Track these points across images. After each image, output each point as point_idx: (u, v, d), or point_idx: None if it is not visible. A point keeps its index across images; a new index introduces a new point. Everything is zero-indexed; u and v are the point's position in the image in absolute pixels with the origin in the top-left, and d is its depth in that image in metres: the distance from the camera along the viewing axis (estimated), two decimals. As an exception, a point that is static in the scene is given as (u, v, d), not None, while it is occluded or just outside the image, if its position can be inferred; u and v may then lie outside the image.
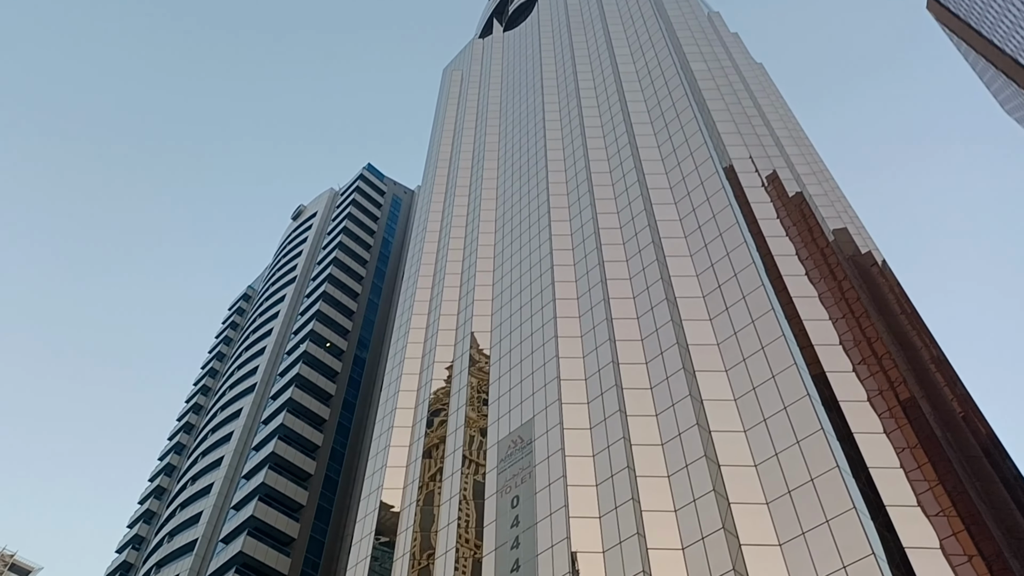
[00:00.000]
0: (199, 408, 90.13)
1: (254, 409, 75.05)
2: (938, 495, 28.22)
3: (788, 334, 36.07)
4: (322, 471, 67.13)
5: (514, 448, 48.05)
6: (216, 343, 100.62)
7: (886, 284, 38.78)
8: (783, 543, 29.89)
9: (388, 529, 53.02)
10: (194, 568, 61.78)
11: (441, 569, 45.65)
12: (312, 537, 62.79)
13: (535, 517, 42.02)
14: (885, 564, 26.79)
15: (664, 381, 40.75)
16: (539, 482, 43.80)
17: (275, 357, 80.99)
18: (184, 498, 70.27)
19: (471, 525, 46.15)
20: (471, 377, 57.20)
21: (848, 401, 32.27)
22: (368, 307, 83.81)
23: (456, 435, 54.03)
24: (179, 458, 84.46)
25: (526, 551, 40.91)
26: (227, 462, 70.01)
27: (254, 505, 60.53)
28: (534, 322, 54.71)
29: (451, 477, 51.11)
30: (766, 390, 34.88)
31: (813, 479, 30.30)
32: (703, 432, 36.30)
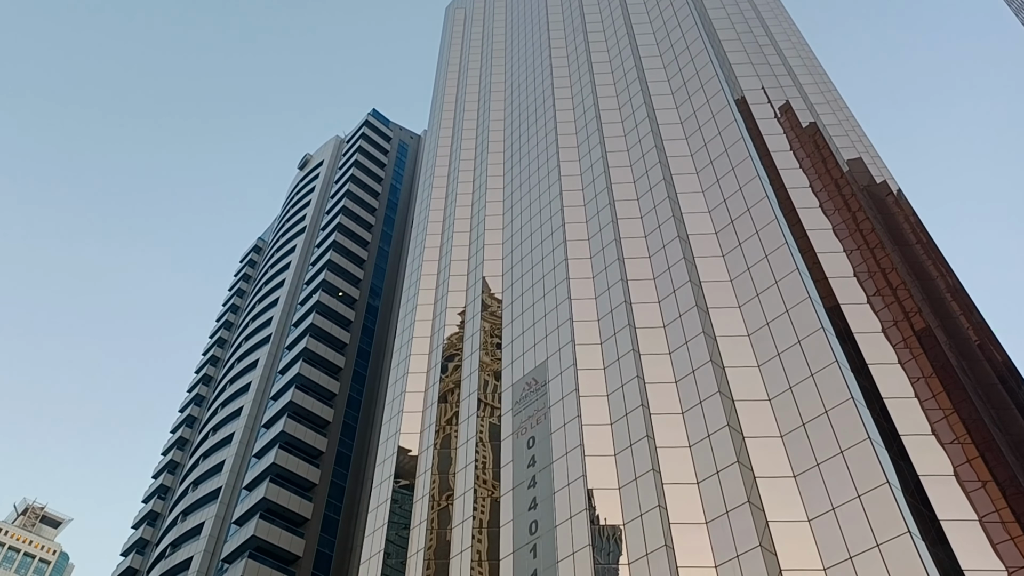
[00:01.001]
0: (216, 360, 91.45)
1: (270, 360, 76.09)
2: (953, 423, 28.38)
3: (802, 267, 35.88)
4: (340, 418, 68.30)
5: (528, 390, 48.60)
6: (229, 296, 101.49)
7: (901, 214, 38.36)
8: (798, 475, 30.29)
9: (407, 472, 54.16)
10: (219, 515, 63.55)
11: (460, 509, 46.72)
12: (333, 482, 64.26)
13: (551, 457, 42.72)
14: (899, 492, 27.13)
15: (677, 319, 40.81)
16: (554, 423, 44.41)
17: (288, 308, 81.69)
18: (206, 448, 71.89)
19: (488, 466, 47.02)
20: (484, 322, 57.56)
21: (863, 332, 32.25)
22: (379, 255, 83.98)
23: (471, 379, 54.66)
24: (199, 409, 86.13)
25: (543, 490, 41.72)
26: (246, 412, 71.34)
27: (275, 453, 61.85)
28: (545, 264, 54.68)
29: (467, 420, 51.90)
30: (780, 324, 34.89)
31: (827, 411, 30.51)
32: (717, 368, 36.49)
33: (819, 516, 28.68)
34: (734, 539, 31.02)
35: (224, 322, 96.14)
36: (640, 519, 35.23)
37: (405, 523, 51.06)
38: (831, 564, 27.41)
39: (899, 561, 25.58)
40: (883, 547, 26.23)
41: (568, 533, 38.32)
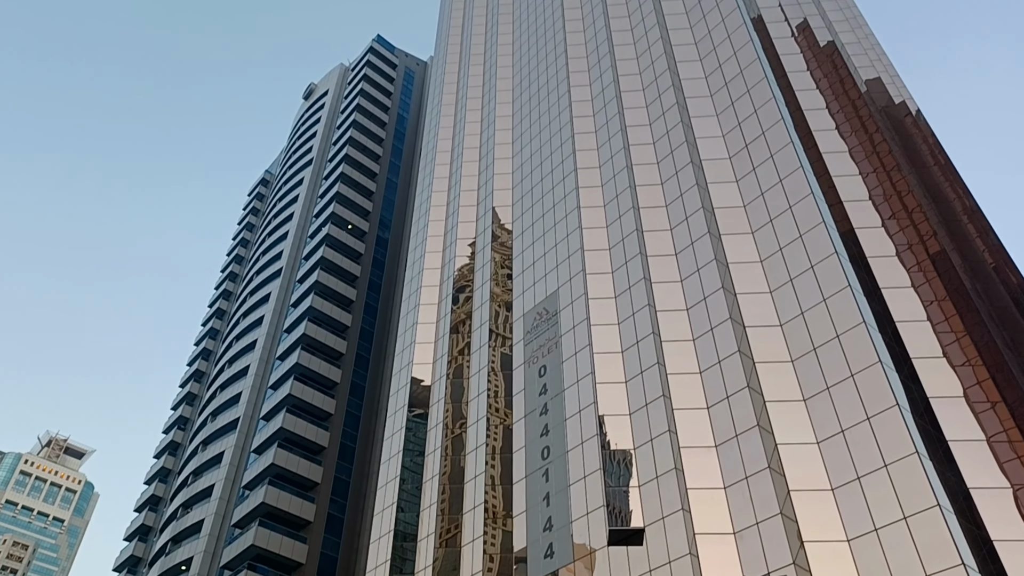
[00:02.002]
0: (228, 295, 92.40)
1: (282, 293, 76.82)
2: (964, 346, 28.54)
3: (817, 191, 35.55)
4: (353, 350, 69.30)
5: (540, 320, 49.02)
6: (239, 230, 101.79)
7: (919, 135, 37.67)
8: (807, 399, 30.70)
9: (420, 402, 55.25)
10: (238, 444, 65.33)
11: (473, 436, 47.80)
12: (348, 412, 65.68)
13: (562, 385, 43.40)
14: (908, 414, 27.51)
15: (689, 246, 40.73)
16: (565, 351, 44.93)
17: (298, 241, 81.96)
18: (223, 380, 73.38)
19: (500, 395, 47.86)
20: (494, 253, 57.66)
21: (876, 257, 32.15)
22: (387, 186, 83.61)
23: (482, 310, 55.11)
24: (214, 343, 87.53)
25: (554, 417, 42.53)
26: (260, 345, 72.47)
27: (290, 384, 63.08)
28: (556, 193, 54.35)
29: (479, 351, 52.58)
30: (793, 250, 34.79)
31: (839, 335, 30.69)
32: (728, 295, 36.60)
33: (828, 438, 29.20)
34: (743, 462, 31.69)
35: (235, 256, 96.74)
36: (650, 443, 35.98)
37: (420, 450, 52.38)
38: (839, 484, 28.03)
39: (906, 481, 26.13)
40: (891, 467, 26.76)
41: (579, 458, 39.24)
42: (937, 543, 24.46)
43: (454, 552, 43.37)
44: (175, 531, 63.27)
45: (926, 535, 24.83)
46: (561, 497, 39.03)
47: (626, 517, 34.58)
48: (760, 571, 28.71)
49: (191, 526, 62.23)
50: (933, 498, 25.12)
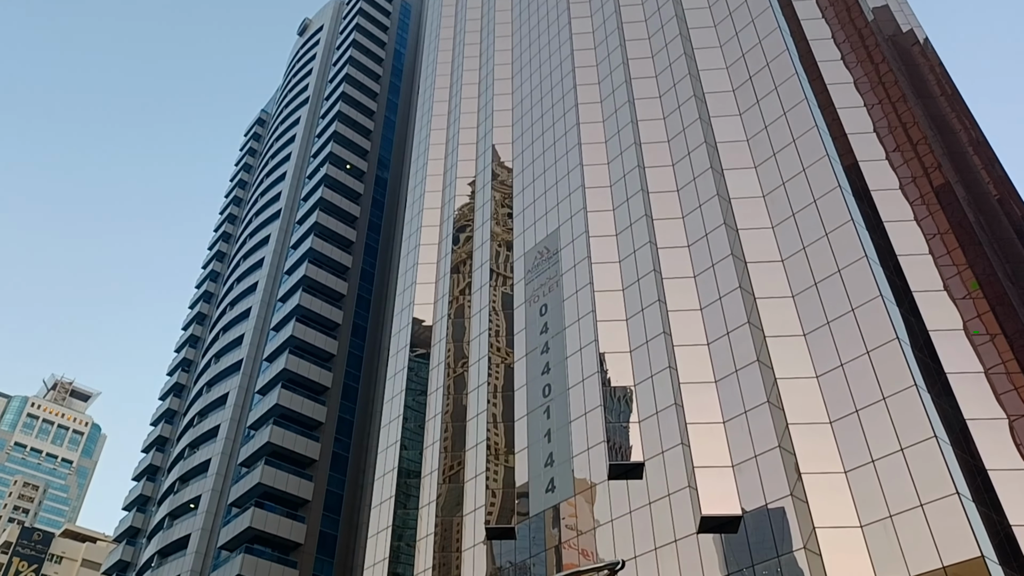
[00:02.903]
0: (228, 237, 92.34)
1: (281, 234, 76.76)
2: (966, 279, 28.61)
3: (821, 124, 35.13)
4: (354, 290, 69.61)
5: (540, 259, 49.08)
6: (236, 171, 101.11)
7: (927, 64, 36.98)
8: (807, 333, 30.93)
9: (422, 342, 55.75)
10: (242, 385, 66.23)
11: (475, 375, 48.39)
12: (350, 353, 66.34)
13: (563, 323, 43.71)
14: (908, 347, 27.76)
15: (691, 182, 40.49)
16: (566, 290, 45.12)
17: (297, 182, 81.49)
18: (225, 322, 73.94)
19: (501, 334, 48.26)
20: (494, 191, 57.36)
21: (880, 190, 31.96)
22: (385, 125, 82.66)
23: (482, 249, 55.13)
24: (215, 285, 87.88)
25: (556, 355, 42.97)
26: (261, 287, 72.77)
27: (292, 325, 63.58)
28: (556, 130, 53.76)
29: (480, 290, 52.80)
30: (796, 184, 34.58)
31: (840, 270, 30.75)
32: (730, 231, 36.53)
33: (827, 372, 29.52)
34: (742, 396, 32.13)
35: (233, 198, 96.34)
36: (651, 380, 36.44)
37: (422, 389, 53.11)
38: (837, 417, 28.47)
39: (904, 413, 26.52)
40: (889, 400, 27.12)
41: (580, 395, 39.80)
42: (933, 473, 24.97)
43: (457, 488, 44.37)
44: (183, 470, 64.64)
45: (922, 466, 25.33)
46: (562, 433, 39.73)
47: (626, 452, 35.25)
48: (758, 502, 29.40)
49: (198, 465, 63.55)
50: (930, 430, 25.54)
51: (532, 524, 38.55)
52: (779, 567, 27.68)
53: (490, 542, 40.25)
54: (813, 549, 26.38)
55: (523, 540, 38.65)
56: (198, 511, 60.28)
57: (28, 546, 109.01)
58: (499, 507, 40.83)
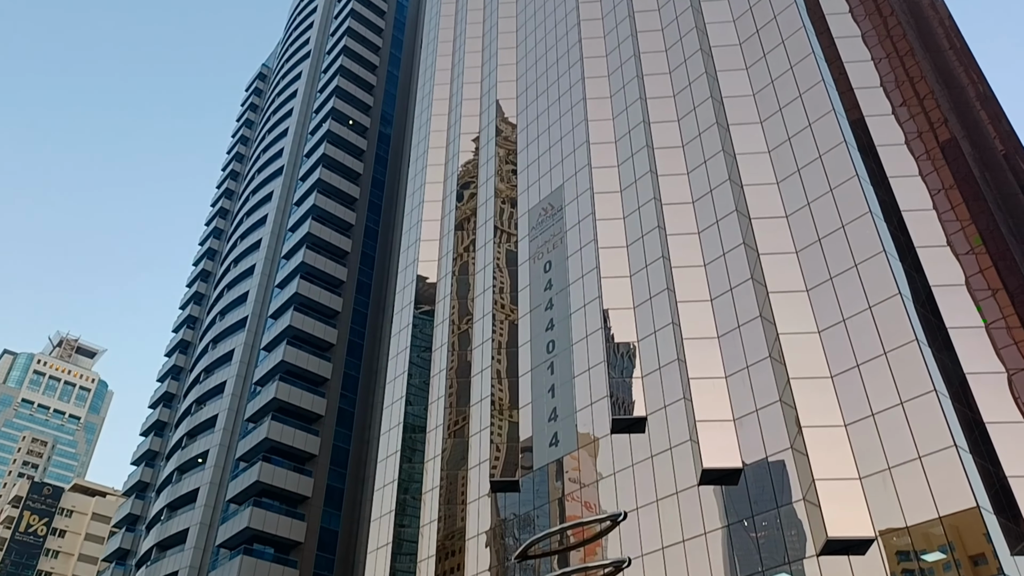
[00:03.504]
0: (231, 194, 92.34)
1: (284, 191, 76.78)
2: (970, 235, 28.77)
3: (828, 79, 34.95)
4: (358, 248, 69.89)
5: (545, 215, 49.23)
6: (238, 127, 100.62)
7: (935, 17, 36.59)
8: (810, 289, 31.22)
9: (426, 299, 56.21)
10: (247, 342, 66.94)
11: (479, 332, 48.92)
12: (355, 310, 66.90)
13: (567, 280, 44.05)
14: (910, 302, 28.06)
15: (696, 138, 40.42)
16: (570, 246, 45.35)
17: (299, 138, 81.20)
18: (229, 279, 74.42)
19: (505, 291, 48.64)
20: (498, 148, 57.22)
21: (885, 145, 31.94)
22: (388, 80, 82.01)
23: (486, 206, 55.23)
24: (219, 243, 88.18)
25: (560, 311, 43.40)
26: (265, 244, 73.07)
27: (297, 283, 64.02)
28: (561, 85, 53.42)
29: (484, 247, 53.05)
30: (801, 139, 34.54)
31: (844, 225, 30.91)
32: (735, 187, 36.60)
33: (829, 327, 29.89)
34: (744, 351, 32.58)
35: (235, 154, 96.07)
36: (654, 336, 36.89)
37: (427, 346, 53.73)
38: (838, 372, 28.90)
39: (905, 368, 26.93)
40: (890, 355, 27.52)
41: (584, 351, 40.33)
42: (931, 426, 25.47)
43: (462, 442, 45.21)
44: (190, 426, 65.74)
45: (921, 419, 25.82)
46: (565, 389, 40.36)
47: (629, 407, 35.87)
48: (759, 455, 30.03)
49: (205, 421, 64.61)
50: (930, 384, 25.97)
51: (536, 477, 39.40)
52: (778, 518, 28.40)
53: (494, 495, 41.17)
54: (812, 501, 27.04)
55: (527, 493, 39.54)
56: (206, 466, 61.47)
57: (38, 500, 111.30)
58: (503, 461, 41.66)
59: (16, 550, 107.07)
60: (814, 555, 26.66)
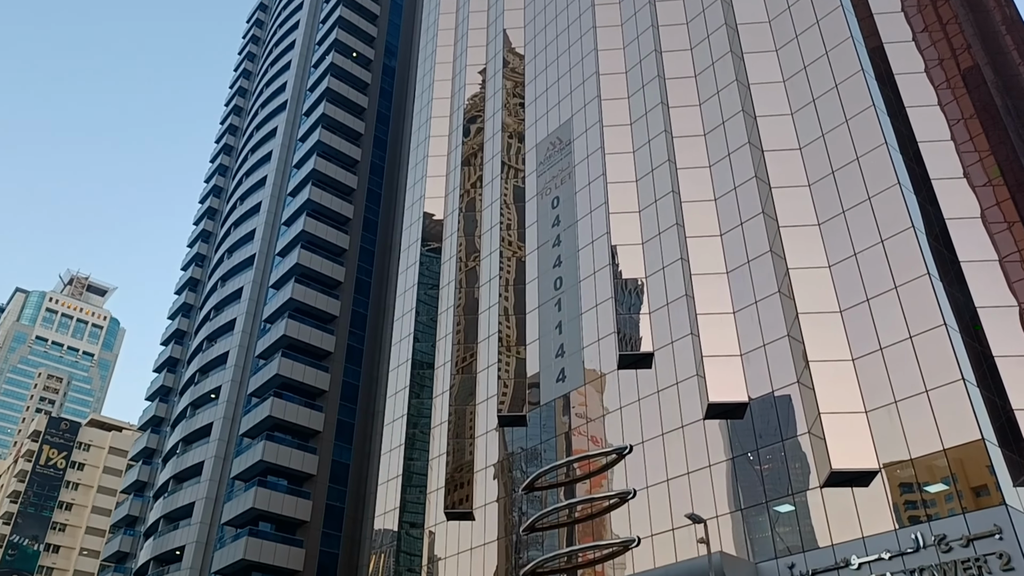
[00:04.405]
0: (235, 130, 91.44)
1: (288, 127, 75.92)
2: (987, 166, 28.18)
3: (846, 4, 33.82)
4: (364, 184, 69.41)
5: (553, 150, 48.56)
6: (240, 60, 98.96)
7: (963, -65, 35.15)
8: (822, 223, 30.84)
9: (433, 236, 56.03)
10: (256, 280, 67.23)
11: (486, 269, 48.86)
12: (362, 247, 66.83)
13: (575, 216, 43.70)
14: (923, 235, 27.70)
15: (710, 67, 39.45)
16: (579, 182, 44.86)
17: (302, 72, 79.86)
18: (236, 217, 74.28)
19: (513, 227, 48.37)
20: (505, 80, 56.14)
21: (904, 73, 31.05)
22: (392, 9, 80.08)
23: (493, 141, 54.50)
24: (224, 180, 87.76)
25: (567, 247, 43.20)
26: (271, 181, 72.65)
27: (303, 219, 63.86)
28: (570, 12, 52.03)
29: (491, 183, 52.56)
30: (817, 68, 33.64)
31: (859, 157, 30.33)
32: (748, 118, 35.86)
33: (840, 262, 29.62)
34: (753, 287, 32.43)
35: (238, 89, 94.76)
36: (662, 272, 36.74)
37: (434, 283, 53.81)
38: (847, 307, 28.76)
39: (915, 301, 26.74)
40: (900, 289, 27.31)
41: (591, 287, 40.28)
42: (940, 360, 25.41)
43: (470, 378, 45.64)
44: (202, 362, 66.58)
45: (930, 353, 25.76)
46: (573, 325, 40.45)
47: (636, 343, 35.97)
48: (765, 389, 30.17)
49: (217, 358, 65.39)
50: (940, 318, 25.82)
51: (543, 412, 39.86)
52: (783, 451, 28.69)
53: (502, 429, 41.75)
54: (817, 434, 27.24)
55: (534, 427, 40.07)
56: (219, 401, 62.49)
57: (56, 435, 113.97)
58: (511, 396, 42.10)
59: (38, 482, 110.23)
60: (818, 487, 27.01)
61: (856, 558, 25.16)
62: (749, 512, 28.81)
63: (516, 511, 38.66)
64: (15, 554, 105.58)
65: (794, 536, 27.17)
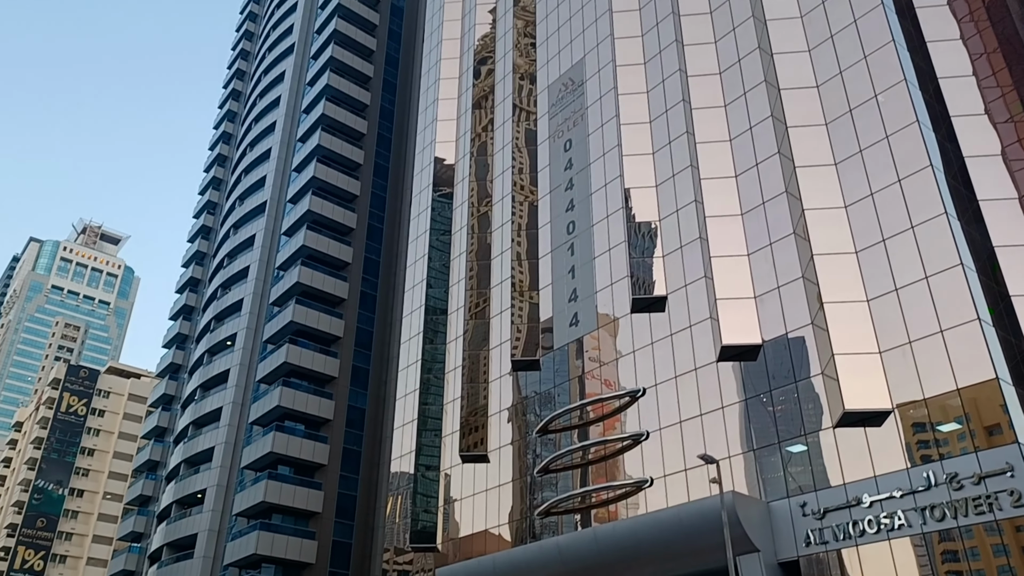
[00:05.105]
0: (242, 74, 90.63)
1: (297, 71, 75.19)
2: (1010, 102, 27.67)
3: (868, -66, 32.80)
4: (374, 129, 68.98)
5: (565, 91, 47.96)
6: (245, 3, 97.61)
7: None
8: (839, 162, 30.53)
9: (445, 181, 55.87)
10: (267, 227, 67.49)
11: (499, 214, 48.82)
12: (373, 193, 66.76)
13: (588, 159, 43.40)
14: (941, 174, 27.41)
15: (725, 3, 38.64)
16: (591, 123, 44.41)
17: (309, 12, 78.73)
18: (246, 164, 74.22)
19: (525, 171, 48.13)
20: (516, 19, 55.16)
21: (925, 7, 30.29)
22: (399, -52, 78.41)
23: (504, 83, 53.85)
24: (233, 126, 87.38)
25: (580, 191, 43.02)
26: (280, 126, 72.30)
27: (314, 166, 63.75)
28: (582, -52, 50.72)
29: (502, 126, 52.11)
30: (836, 3, 32.83)
31: (877, 95, 29.83)
32: (764, 55, 35.21)
33: (856, 202, 29.41)
34: (768, 228, 32.31)
35: (244, 32, 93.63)
36: (676, 214, 36.61)
37: (446, 229, 53.88)
38: (863, 247, 28.66)
39: (932, 241, 26.61)
40: (917, 229, 27.16)
41: (605, 231, 40.24)
42: (955, 300, 25.40)
43: (483, 323, 46.04)
44: (217, 310, 67.37)
45: (946, 293, 25.73)
46: (586, 270, 40.56)
47: (649, 286, 36.08)
48: (779, 331, 30.32)
49: (231, 305, 66.12)
50: (957, 257, 25.72)
51: (556, 356, 40.27)
52: (796, 392, 28.98)
53: (516, 373, 42.27)
54: (831, 375, 27.46)
55: (547, 371, 40.55)
56: (235, 348, 63.41)
57: (76, 382, 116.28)
58: (524, 341, 42.50)
59: (60, 429, 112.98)
60: (830, 427, 27.34)
61: (868, 496, 25.61)
62: (761, 453, 29.26)
63: (530, 453, 39.41)
64: (41, 498, 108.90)
65: (806, 476, 27.63)
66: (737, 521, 26.61)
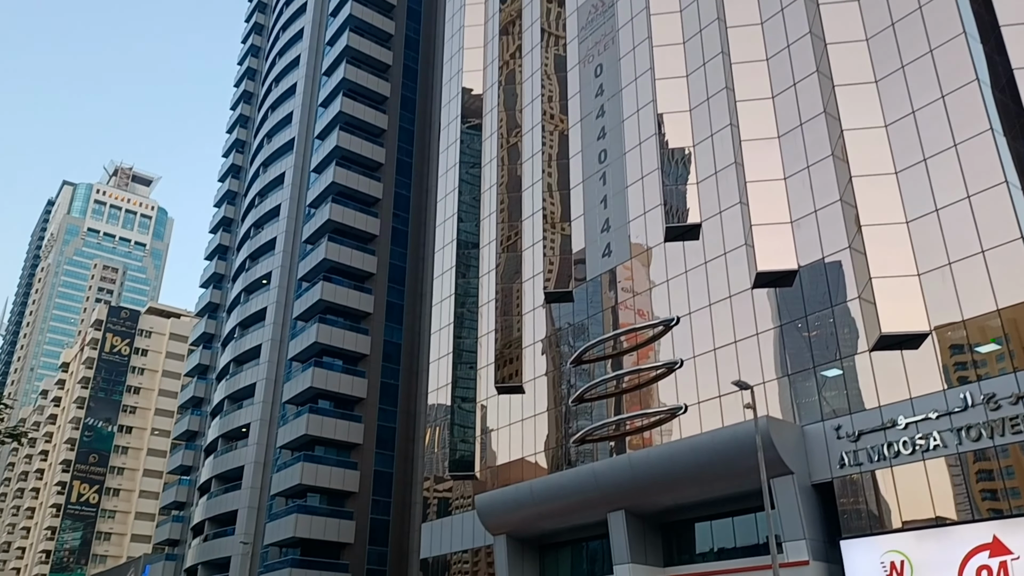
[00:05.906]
0: (263, 6, 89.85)
1: (319, 1, 74.36)
2: (1063, 9, 26.57)
3: None
4: (399, 60, 68.35)
5: (595, 13, 46.95)
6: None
7: None
8: (879, 80, 29.78)
9: (473, 112, 55.48)
10: (296, 164, 67.93)
11: (529, 144, 48.56)
12: (401, 127, 66.62)
13: (620, 83, 42.76)
14: (987, 88, 26.65)
15: (761, -86, 37.13)
16: (623, 47, 43.59)
17: (329, -58, 77.38)
18: (272, 101, 74.26)
19: (555, 99, 47.59)
20: (543, -62, 53.67)
21: (976, -91, 28.94)
22: None
23: (532, 6, 52.80)
24: (257, 61, 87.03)
25: (611, 118, 42.54)
26: (304, 60, 71.92)
27: (340, 100, 63.64)
28: None
29: (531, 53, 51.34)
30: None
31: (921, 6, 28.85)
32: (802, -31, 34.03)
33: (897, 120, 28.79)
34: (806, 151, 31.83)
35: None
36: (710, 139, 36.16)
37: (475, 161, 53.77)
38: (903, 167, 28.18)
39: (975, 158, 26.07)
40: (960, 146, 26.59)
41: (637, 159, 39.92)
42: (999, 219, 25.02)
43: (515, 256, 46.35)
44: (251, 249, 68.57)
45: (988, 212, 25.34)
46: (618, 199, 40.43)
47: (683, 214, 35.93)
48: (815, 256, 30.19)
49: (265, 243, 67.23)
50: (1001, 175, 25.22)
51: (589, 287, 40.57)
52: (832, 316, 29.01)
53: (549, 305, 42.73)
54: (868, 299, 27.40)
55: (580, 303, 40.92)
56: (270, 286, 64.74)
57: (118, 323, 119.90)
58: (556, 273, 42.79)
59: (105, 368, 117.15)
60: (866, 351, 27.43)
61: (903, 418, 25.84)
62: (796, 378, 29.52)
63: (565, 384, 40.13)
64: (91, 435, 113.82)
65: (841, 399, 27.89)
66: (771, 444, 27.08)
